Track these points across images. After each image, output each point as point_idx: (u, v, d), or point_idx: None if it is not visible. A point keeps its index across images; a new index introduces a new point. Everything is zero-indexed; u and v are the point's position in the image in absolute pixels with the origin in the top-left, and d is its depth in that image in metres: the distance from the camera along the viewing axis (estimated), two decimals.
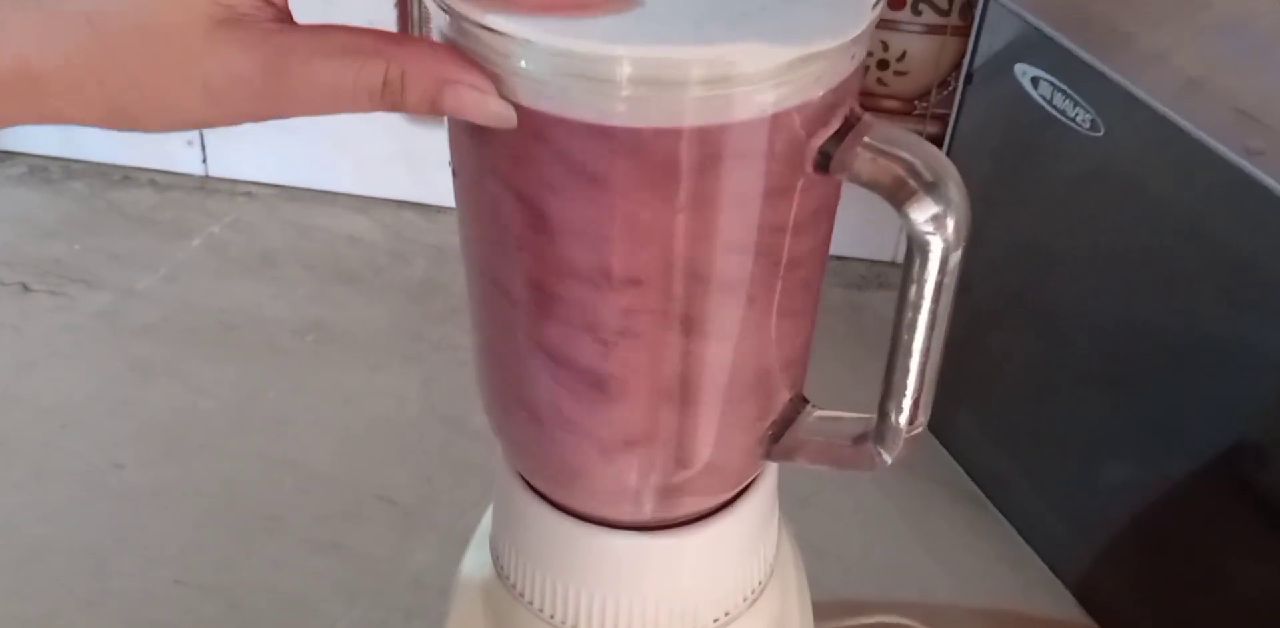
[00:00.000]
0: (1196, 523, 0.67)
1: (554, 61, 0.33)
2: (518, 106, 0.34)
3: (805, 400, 0.45)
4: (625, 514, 0.45)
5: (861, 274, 1.01)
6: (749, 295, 0.39)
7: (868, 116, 0.37)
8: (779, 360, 0.43)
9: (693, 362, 0.40)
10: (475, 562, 0.53)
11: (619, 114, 0.34)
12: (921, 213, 0.36)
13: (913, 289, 0.37)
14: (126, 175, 1.07)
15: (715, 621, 0.48)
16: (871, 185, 0.36)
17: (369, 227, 1.02)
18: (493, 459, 0.48)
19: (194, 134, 1.05)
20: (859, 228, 0.88)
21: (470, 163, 0.38)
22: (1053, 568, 0.76)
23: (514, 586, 0.49)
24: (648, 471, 0.44)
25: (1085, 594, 0.74)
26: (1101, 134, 0.63)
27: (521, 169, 0.36)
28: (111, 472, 0.80)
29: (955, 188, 0.36)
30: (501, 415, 0.45)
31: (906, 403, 0.39)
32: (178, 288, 0.95)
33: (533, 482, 0.46)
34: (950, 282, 0.37)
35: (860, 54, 0.37)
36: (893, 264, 1.02)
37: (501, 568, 0.50)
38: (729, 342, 0.40)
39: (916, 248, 0.36)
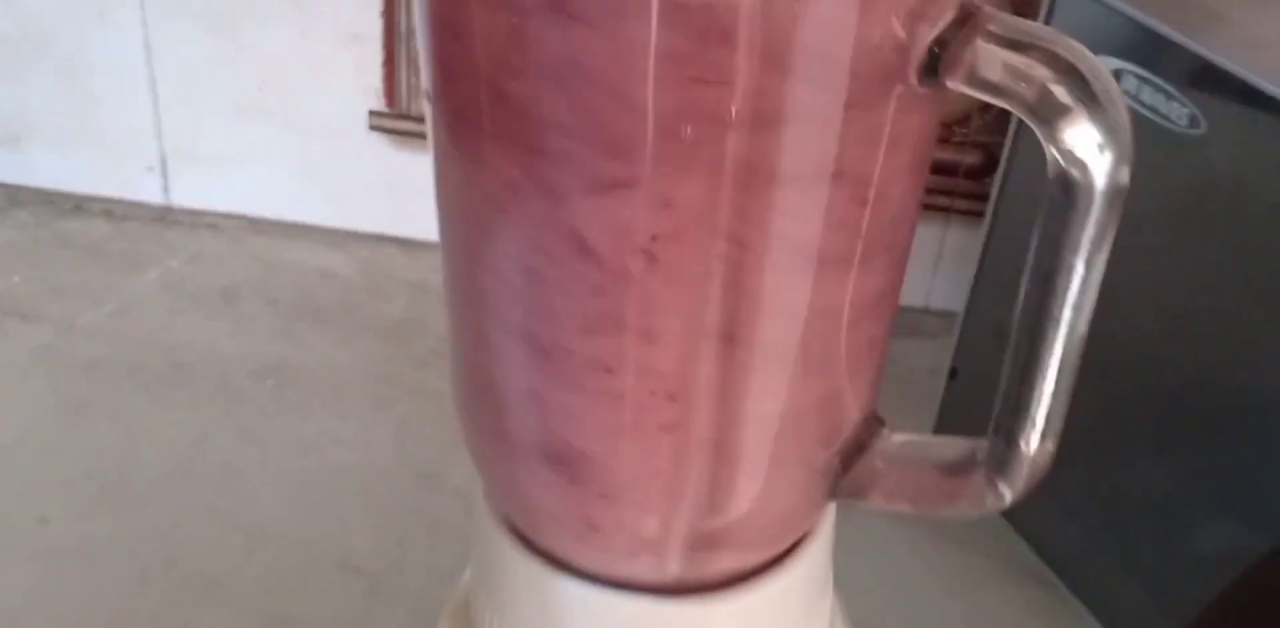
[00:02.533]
0: None
1: None
2: None
3: (880, 421, 0.35)
4: (643, 573, 0.35)
5: None
6: (815, 262, 0.29)
7: (988, 7, 0.27)
8: (849, 363, 0.32)
9: (737, 360, 0.30)
10: None
11: None
12: (1078, 134, 0.26)
13: (1062, 246, 0.27)
14: (79, 205, 0.97)
15: None
16: (1001, 94, 0.26)
17: (343, 261, 0.92)
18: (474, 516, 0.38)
19: (155, 160, 0.95)
20: None
21: (456, 73, 0.28)
22: None
23: None
24: (674, 511, 0.33)
25: None
26: (1203, 131, 0.53)
27: (524, 67, 0.26)
28: (33, 527, 0.69)
29: (1118, 100, 0.26)
30: (482, 437, 0.35)
31: (1041, 415, 0.29)
32: (125, 324, 0.84)
33: (522, 529, 0.36)
34: (1110, 233, 0.27)
35: None
36: (925, 311, 0.92)
37: None
38: (786, 330, 0.30)
39: (1067, 186, 0.26)
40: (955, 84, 0.26)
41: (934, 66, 0.26)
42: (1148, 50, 0.55)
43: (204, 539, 0.68)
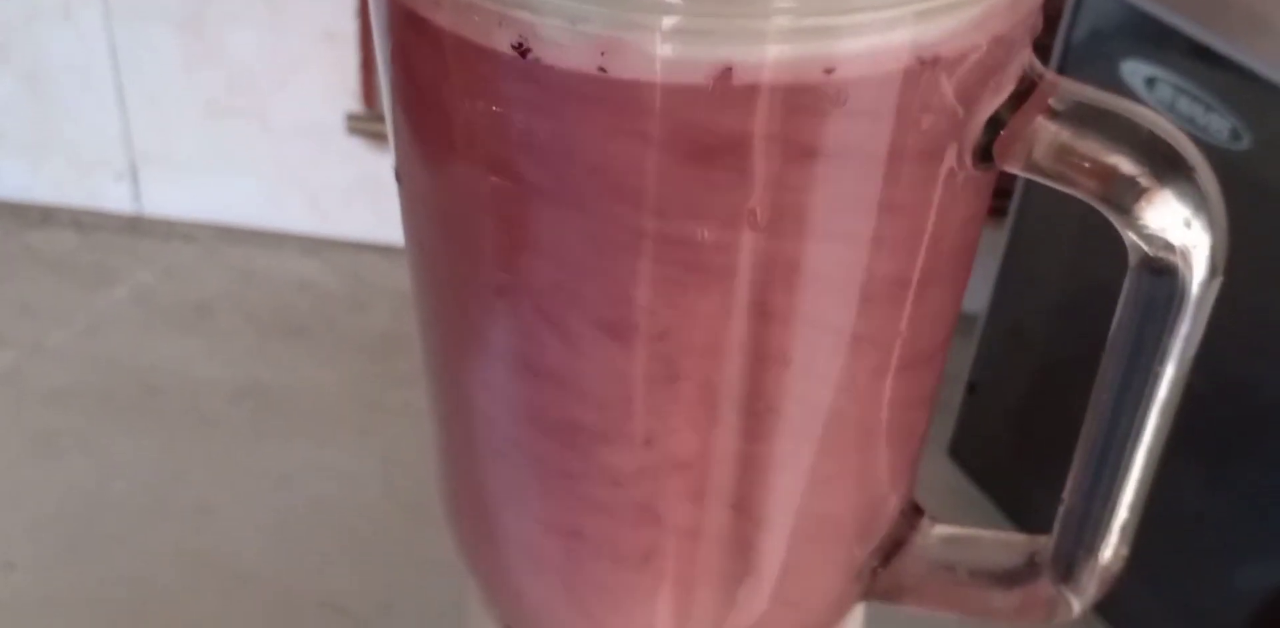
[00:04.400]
0: None
1: None
2: (503, 60, 0.20)
3: (920, 511, 0.31)
4: None
5: None
6: (852, 350, 0.25)
7: (1050, 73, 0.23)
8: (888, 452, 0.29)
9: (764, 451, 0.26)
10: None
11: (659, 61, 0.19)
12: (1163, 217, 0.22)
13: (1145, 349, 0.23)
14: (46, 215, 0.92)
15: None
16: (1065, 180, 0.22)
17: (322, 271, 0.88)
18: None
19: (125, 167, 0.91)
20: None
21: (429, 161, 0.24)
22: None
23: None
24: (688, 614, 0.29)
25: None
26: (1246, 146, 0.49)
27: (510, 164, 0.22)
28: None
29: (1205, 170, 0.22)
30: (471, 538, 0.31)
31: (1118, 522, 0.25)
32: (95, 344, 0.80)
33: None
34: (1199, 330, 0.23)
35: None
36: None
37: None
38: (818, 424, 0.26)
39: (1154, 276, 0.22)
40: (1013, 168, 0.22)
41: (988, 150, 0.22)
42: (1185, 58, 0.51)
43: (179, 583, 0.65)
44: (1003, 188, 0.77)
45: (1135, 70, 0.53)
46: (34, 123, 0.91)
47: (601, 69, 0.19)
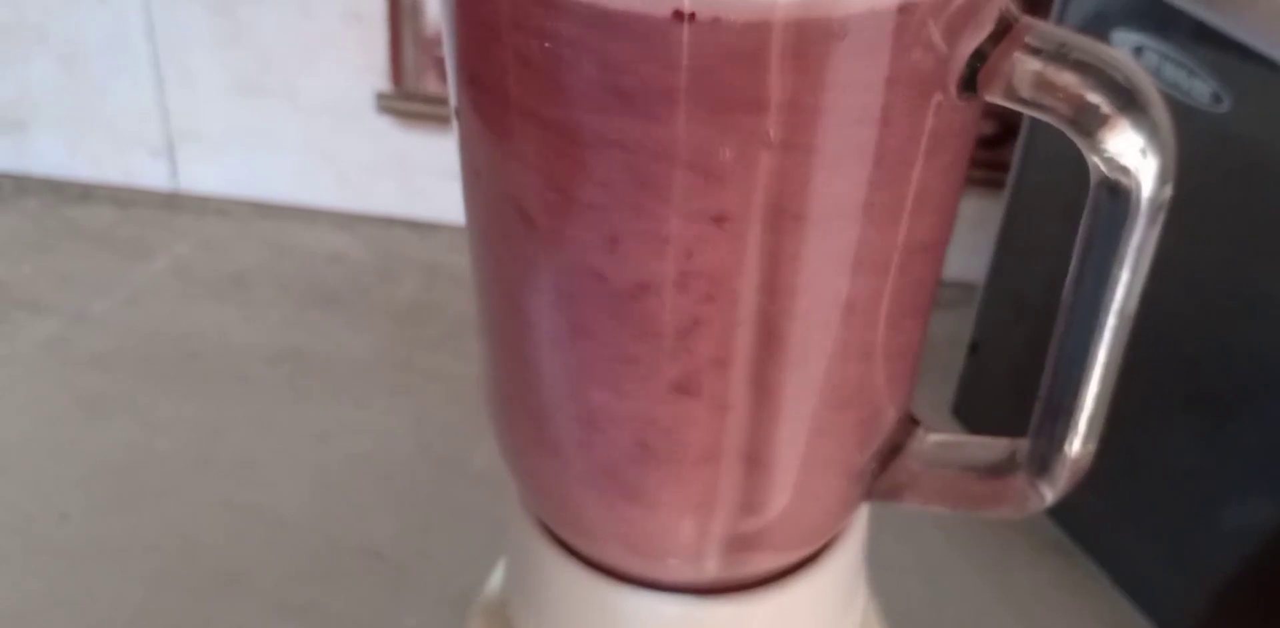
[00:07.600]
0: None
1: None
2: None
3: (915, 421, 0.34)
4: (678, 574, 0.35)
5: None
6: (851, 270, 0.29)
7: (1026, 17, 0.27)
8: (886, 364, 0.32)
9: (775, 364, 0.30)
10: None
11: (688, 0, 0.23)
12: (1120, 143, 0.25)
13: (1102, 254, 0.26)
14: (86, 192, 0.96)
15: None
16: (1040, 107, 0.26)
17: (353, 244, 0.92)
18: (498, 508, 0.37)
19: (161, 145, 0.95)
20: None
21: (481, 100, 0.27)
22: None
23: None
24: (710, 513, 0.33)
25: None
26: (1226, 109, 0.53)
27: (551, 96, 0.25)
28: (55, 523, 0.69)
29: (1159, 106, 0.26)
30: (516, 440, 0.34)
31: (1083, 418, 0.28)
32: (136, 313, 0.84)
33: (559, 533, 0.36)
34: (1154, 240, 0.26)
35: None
36: (942, 282, 0.91)
37: None
38: (824, 337, 0.30)
39: (1111, 195, 0.26)
40: (993, 98, 0.25)
41: (972, 81, 0.25)
42: (1169, 26, 0.54)
43: (224, 532, 0.68)
44: (1001, 161, 0.80)
45: (1125, 39, 0.56)
46: (73, 102, 0.94)
47: (638, 8, 0.22)
